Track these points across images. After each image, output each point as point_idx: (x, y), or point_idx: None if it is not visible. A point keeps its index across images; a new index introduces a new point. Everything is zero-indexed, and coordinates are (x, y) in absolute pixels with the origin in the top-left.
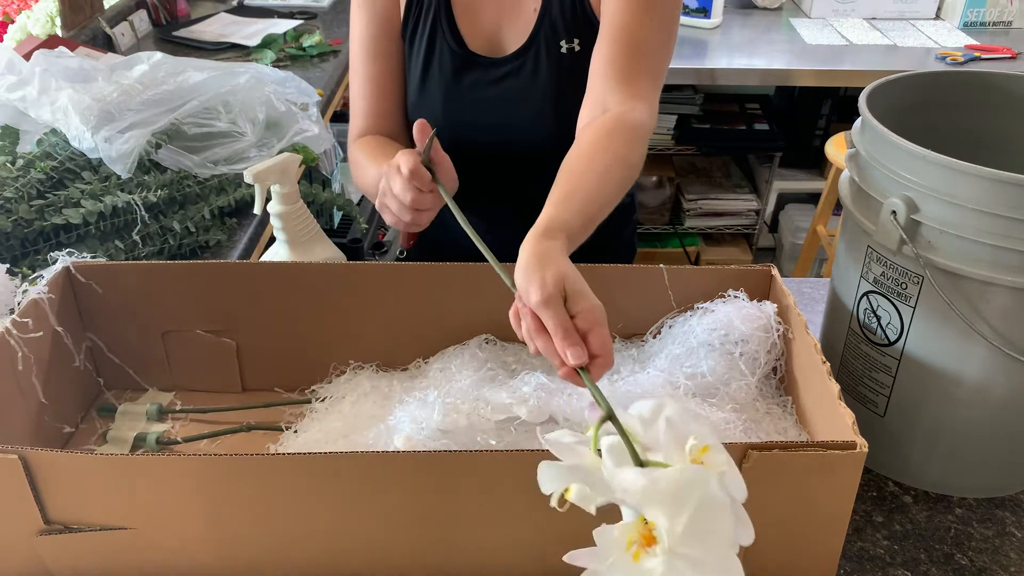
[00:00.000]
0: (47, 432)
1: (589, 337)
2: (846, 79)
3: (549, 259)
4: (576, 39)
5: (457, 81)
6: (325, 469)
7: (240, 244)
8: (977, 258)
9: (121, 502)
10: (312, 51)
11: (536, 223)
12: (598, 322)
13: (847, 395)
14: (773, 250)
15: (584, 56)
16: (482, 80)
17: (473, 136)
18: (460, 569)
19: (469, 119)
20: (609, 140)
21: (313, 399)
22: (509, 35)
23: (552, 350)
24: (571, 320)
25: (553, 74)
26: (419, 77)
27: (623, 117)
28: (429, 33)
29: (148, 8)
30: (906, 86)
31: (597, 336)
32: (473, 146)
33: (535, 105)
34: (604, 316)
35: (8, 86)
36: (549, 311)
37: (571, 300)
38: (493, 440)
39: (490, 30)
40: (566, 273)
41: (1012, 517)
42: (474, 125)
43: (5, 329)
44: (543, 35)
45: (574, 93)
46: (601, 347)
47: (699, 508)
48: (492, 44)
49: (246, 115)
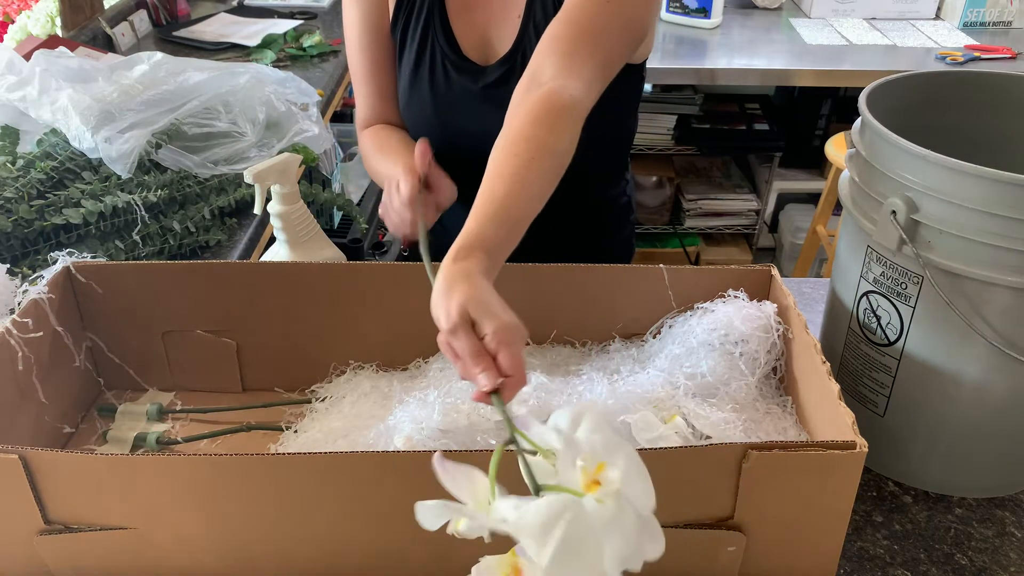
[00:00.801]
0: (47, 432)
1: (499, 358)
2: (846, 79)
3: (456, 284)
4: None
5: (448, 85)
6: (325, 469)
7: (240, 244)
8: (977, 258)
9: (121, 502)
10: (312, 51)
11: (455, 241)
12: (506, 341)
13: (847, 395)
14: (773, 250)
15: None
16: (471, 85)
17: (461, 141)
18: (460, 569)
19: (458, 123)
20: (534, 128)
21: (313, 399)
22: (497, 41)
23: (469, 375)
24: (480, 342)
25: None
26: (409, 78)
27: (553, 96)
28: (421, 34)
29: (148, 8)
30: (906, 86)
31: (505, 356)
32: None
33: None
34: (516, 333)
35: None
36: (456, 339)
37: (479, 323)
38: (493, 440)
39: (481, 35)
40: (471, 296)
41: (1012, 517)
42: (462, 130)
43: (5, 329)
44: (528, 39)
45: None
46: (511, 367)
47: (566, 538)
48: (482, 49)
49: (246, 115)
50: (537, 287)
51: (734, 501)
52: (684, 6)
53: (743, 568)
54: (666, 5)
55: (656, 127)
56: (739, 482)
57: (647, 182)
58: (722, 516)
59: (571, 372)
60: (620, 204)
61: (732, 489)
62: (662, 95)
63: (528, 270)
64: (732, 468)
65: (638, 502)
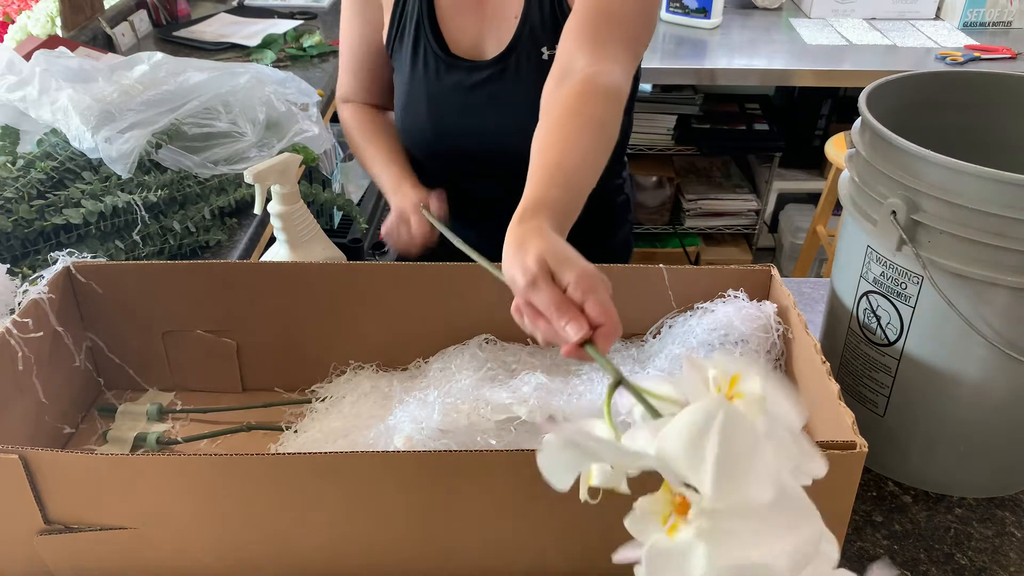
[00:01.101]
0: (47, 432)
1: (586, 307)
2: (846, 79)
3: (528, 240)
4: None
5: (440, 84)
6: (325, 469)
7: (240, 244)
8: (977, 258)
9: (121, 502)
10: (312, 51)
11: (518, 207)
12: (592, 288)
13: (847, 395)
14: (773, 250)
15: None
16: (464, 83)
17: (460, 140)
18: (460, 569)
19: (452, 123)
20: (579, 104)
21: (313, 399)
22: (491, 40)
23: (554, 332)
24: (564, 293)
25: (534, 80)
26: (406, 81)
27: (594, 79)
28: (413, 37)
29: (148, 8)
30: (906, 86)
31: (594, 304)
32: (457, 151)
33: (516, 111)
34: (601, 280)
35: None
36: (537, 291)
37: (558, 273)
38: (493, 440)
39: (473, 35)
40: (547, 248)
41: (1012, 517)
42: (457, 130)
43: (5, 329)
44: (523, 41)
45: None
46: (601, 314)
47: (724, 446)
48: (476, 47)
49: (246, 115)
50: None
51: None
52: (684, 6)
53: None
54: (666, 5)
55: (656, 127)
56: None
57: (647, 182)
58: None
59: (571, 372)
60: (617, 203)
61: None
62: (662, 95)
63: None
64: None
65: (786, 418)
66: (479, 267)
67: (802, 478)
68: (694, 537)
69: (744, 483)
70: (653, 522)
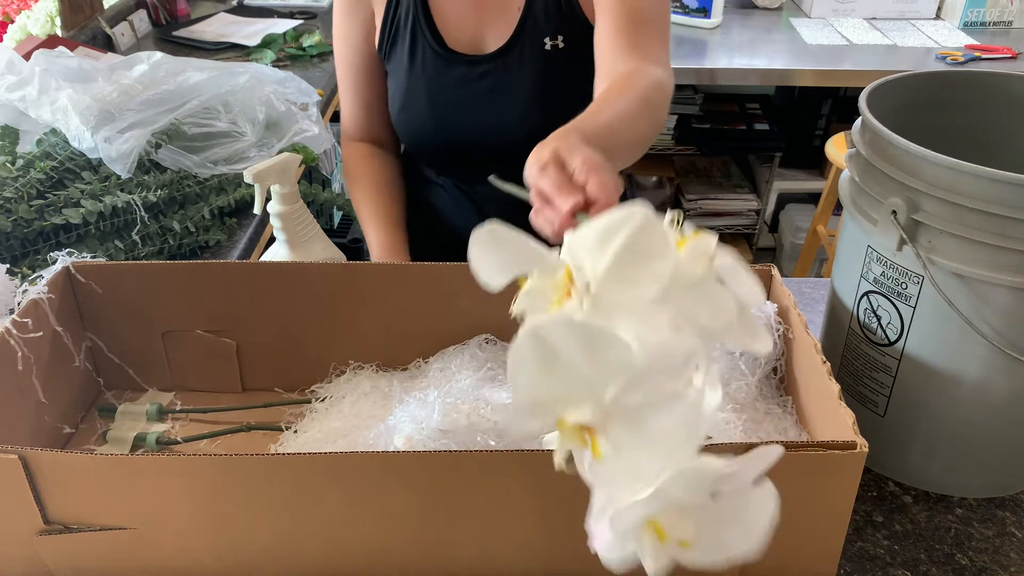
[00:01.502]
0: (47, 432)
1: (588, 186)
2: (846, 79)
3: (550, 140)
4: (560, 36)
5: (442, 80)
6: (325, 469)
7: (240, 244)
8: (977, 258)
9: (121, 502)
10: (312, 51)
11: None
12: (595, 169)
13: (847, 395)
14: (773, 250)
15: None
16: (466, 77)
17: (462, 135)
18: (460, 569)
19: (456, 118)
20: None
21: (313, 399)
22: (492, 33)
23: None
24: (570, 178)
25: (537, 71)
26: (403, 84)
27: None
28: (410, 38)
29: (148, 8)
30: (906, 86)
31: (594, 182)
32: (462, 145)
33: (520, 102)
34: (604, 164)
35: (8, 86)
36: (544, 177)
37: (567, 160)
38: (493, 440)
39: (472, 29)
40: (564, 142)
41: (1012, 517)
42: (461, 124)
43: (5, 329)
44: (527, 32)
45: (559, 91)
46: (599, 191)
47: (629, 243)
48: (475, 42)
49: (246, 115)
50: None
51: None
52: (684, 6)
53: (743, 568)
54: None
55: None
56: None
57: (647, 182)
58: None
59: None
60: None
61: None
62: None
63: None
64: None
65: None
66: None
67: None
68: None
69: (635, 281)
70: (543, 301)
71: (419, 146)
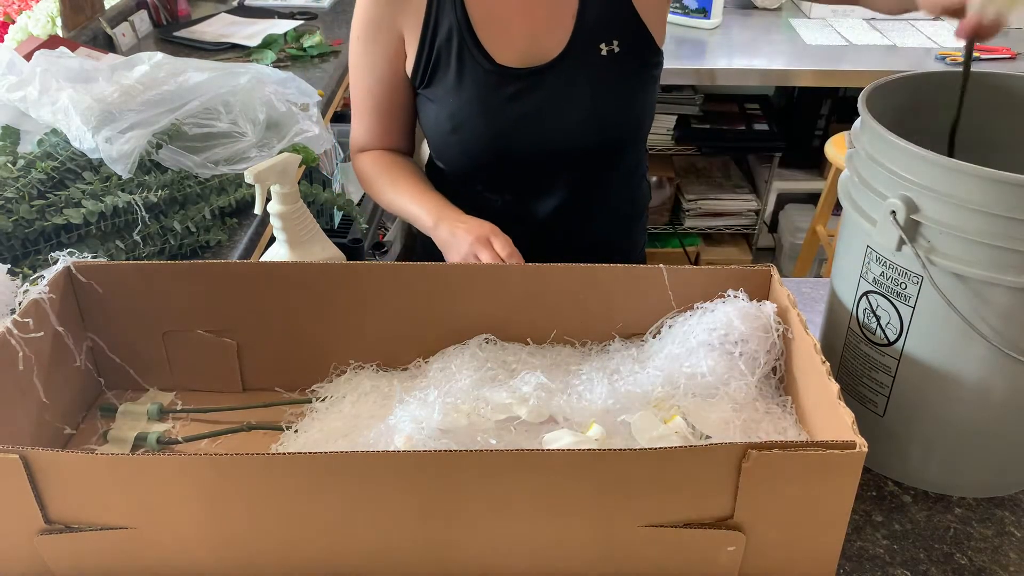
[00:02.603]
0: (48, 432)
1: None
2: (846, 79)
3: None
4: (616, 40)
5: (495, 96)
6: (325, 469)
7: (240, 244)
8: (977, 258)
9: (121, 502)
10: (312, 51)
11: None
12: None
13: (847, 395)
14: (773, 250)
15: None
16: (521, 91)
17: (519, 148)
18: (460, 569)
19: (512, 132)
20: None
21: (313, 399)
22: (545, 45)
23: None
24: None
25: (593, 78)
26: (451, 106)
27: None
28: (456, 60)
29: (149, 8)
30: (906, 86)
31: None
32: (519, 157)
33: (577, 111)
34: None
35: (9, 86)
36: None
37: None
38: (493, 440)
39: (523, 43)
40: None
41: (1012, 517)
42: (518, 137)
43: (6, 329)
44: (581, 41)
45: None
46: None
47: None
48: (527, 55)
49: (247, 115)
50: (537, 287)
51: (734, 501)
52: (684, 6)
53: (743, 568)
54: None
55: (656, 127)
56: (739, 482)
57: None
58: (722, 516)
59: (571, 372)
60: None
61: (732, 489)
62: (662, 95)
63: (528, 270)
64: (732, 468)
65: None
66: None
67: None
68: None
69: None
70: None
71: (473, 165)
